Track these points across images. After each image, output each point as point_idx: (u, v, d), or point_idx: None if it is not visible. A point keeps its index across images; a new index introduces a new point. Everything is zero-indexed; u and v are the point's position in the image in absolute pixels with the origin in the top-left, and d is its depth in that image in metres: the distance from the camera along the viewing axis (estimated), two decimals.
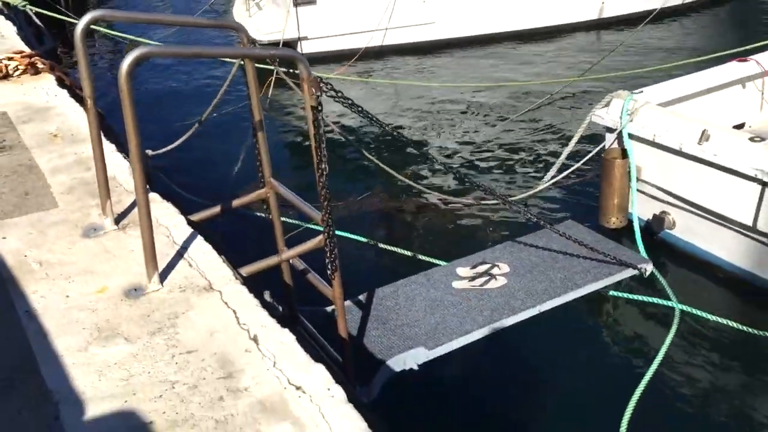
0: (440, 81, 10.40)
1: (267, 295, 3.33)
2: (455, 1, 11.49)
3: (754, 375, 4.81)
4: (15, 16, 9.62)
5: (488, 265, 4.76)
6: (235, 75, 5.08)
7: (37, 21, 10.16)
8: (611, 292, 5.30)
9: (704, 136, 5.30)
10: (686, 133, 5.42)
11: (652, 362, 4.73)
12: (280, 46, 10.47)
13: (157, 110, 9.02)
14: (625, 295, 5.34)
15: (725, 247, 5.58)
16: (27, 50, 5.95)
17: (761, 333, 4.92)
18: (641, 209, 5.99)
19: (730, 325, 5.01)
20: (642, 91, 6.10)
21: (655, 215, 5.97)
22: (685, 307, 5.19)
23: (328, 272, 3.43)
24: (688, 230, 5.82)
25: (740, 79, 6.79)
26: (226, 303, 2.91)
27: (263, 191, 3.83)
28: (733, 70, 6.75)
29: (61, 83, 5.49)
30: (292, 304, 4.12)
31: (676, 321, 5.09)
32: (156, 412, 2.39)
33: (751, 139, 5.18)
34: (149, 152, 5.32)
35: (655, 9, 11.22)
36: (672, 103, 6.25)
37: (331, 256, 3.38)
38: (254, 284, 3.72)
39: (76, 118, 4.74)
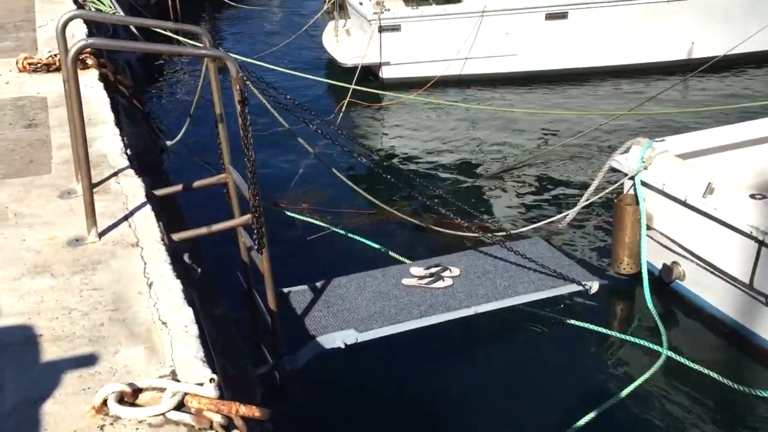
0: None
1: (186, 257, 3.87)
2: (539, 34, 11.58)
3: (722, 429, 4.88)
4: (113, 25, 10.71)
5: (440, 268, 5.14)
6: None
7: (134, 30, 11.29)
8: (603, 330, 5.53)
9: (708, 189, 5.36)
10: (692, 185, 5.47)
11: (613, 396, 4.94)
12: (358, 69, 11.09)
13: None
14: (616, 333, 5.58)
15: (727, 303, 5.59)
16: None
17: (744, 389, 4.97)
18: (654, 257, 6.03)
19: (714, 377, 5.08)
20: (664, 140, 6.13)
21: (665, 265, 6.01)
22: (672, 354, 5.30)
23: (256, 247, 3.96)
24: (696, 282, 5.83)
25: None
26: (142, 257, 3.48)
27: (223, 176, 4.40)
28: None
29: (103, 78, 6.29)
30: (249, 280, 4.67)
31: (658, 365, 5.23)
32: (47, 329, 2.97)
33: (752, 196, 5.18)
34: (168, 143, 6.04)
35: (755, 51, 11.09)
36: (701, 155, 6.23)
37: (258, 233, 3.90)
38: (225, 267, 4.32)
39: (99, 106, 5.50)
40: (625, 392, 4.99)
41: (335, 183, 6.77)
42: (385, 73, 11.70)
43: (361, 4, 11.66)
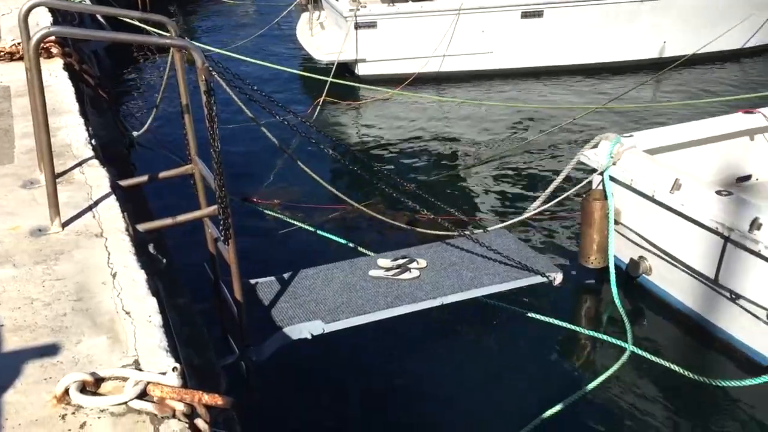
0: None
1: (151, 248, 3.86)
2: (514, 32, 11.65)
3: (686, 421, 4.96)
4: (79, 14, 10.56)
5: (407, 260, 5.18)
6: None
7: (101, 19, 11.14)
8: (570, 325, 5.62)
9: (676, 185, 5.42)
10: (660, 181, 5.53)
11: (578, 390, 5.01)
12: (335, 65, 11.03)
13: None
14: (581, 329, 5.65)
15: (692, 297, 5.67)
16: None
17: (706, 380, 5.06)
18: (621, 252, 6.09)
19: (678, 371, 5.15)
20: (632, 135, 6.18)
21: (632, 259, 6.08)
22: (636, 349, 5.38)
23: (222, 238, 3.95)
24: (662, 277, 5.90)
25: (746, 131, 6.76)
26: (106, 247, 3.46)
27: (189, 167, 4.39)
28: (738, 121, 6.73)
29: (68, 67, 6.22)
30: (216, 272, 4.66)
31: (622, 360, 5.31)
32: (9, 318, 2.95)
33: (718, 192, 5.26)
34: (135, 134, 5.99)
35: (723, 50, 11.50)
36: (668, 150, 6.29)
37: (225, 224, 3.89)
38: (193, 259, 4.30)
39: (63, 95, 5.45)
40: (589, 386, 5.07)
41: (308, 179, 6.81)
42: (362, 70, 11.65)
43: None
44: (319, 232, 7.11)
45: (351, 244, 6.65)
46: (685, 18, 11.93)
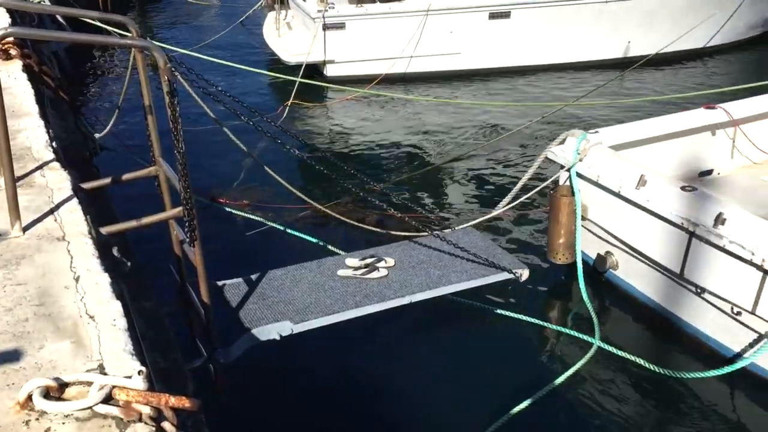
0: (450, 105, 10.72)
1: (115, 251, 3.82)
2: (482, 32, 11.76)
3: (652, 414, 5.03)
4: (38, 14, 10.37)
5: (375, 258, 5.19)
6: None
7: (61, 19, 10.96)
8: (538, 321, 5.66)
9: (641, 181, 5.49)
10: (626, 177, 5.59)
11: (546, 386, 5.06)
12: (303, 67, 10.97)
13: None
14: (549, 325, 5.70)
15: (658, 292, 5.74)
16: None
17: (671, 373, 5.13)
18: (588, 248, 6.16)
19: (645, 365, 5.21)
20: (597, 131, 6.25)
21: (599, 255, 6.14)
22: (604, 345, 5.45)
23: (188, 240, 3.91)
24: (628, 272, 5.98)
25: (708, 126, 6.87)
26: (69, 251, 3.41)
27: (153, 168, 4.34)
28: (700, 116, 6.83)
29: (28, 69, 6.11)
30: (182, 274, 4.61)
31: (589, 355, 5.37)
32: None
33: (683, 188, 5.33)
34: (97, 135, 5.91)
35: (684, 49, 11.83)
36: (633, 146, 6.35)
37: (190, 226, 3.86)
38: (159, 261, 4.24)
39: (22, 98, 5.35)
40: (557, 381, 5.12)
41: (276, 180, 6.79)
42: (330, 71, 11.62)
43: (304, 0, 11.55)
44: (288, 231, 7.09)
45: (320, 243, 6.64)
46: (649, 18, 12.13)
